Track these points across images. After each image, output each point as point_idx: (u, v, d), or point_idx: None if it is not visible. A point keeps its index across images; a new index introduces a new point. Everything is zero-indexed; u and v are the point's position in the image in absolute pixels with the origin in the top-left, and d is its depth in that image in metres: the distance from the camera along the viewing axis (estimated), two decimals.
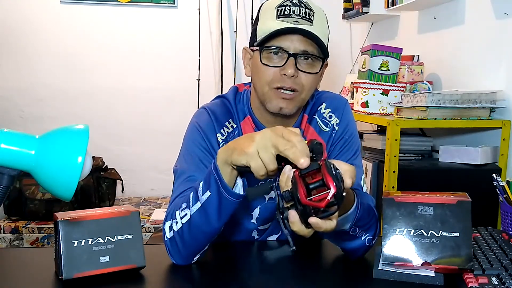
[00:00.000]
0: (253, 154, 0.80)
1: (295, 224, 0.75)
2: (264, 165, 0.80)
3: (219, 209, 0.90)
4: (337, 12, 3.17)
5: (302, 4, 1.03)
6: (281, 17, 1.02)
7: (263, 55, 1.04)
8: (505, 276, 0.87)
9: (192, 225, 0.93)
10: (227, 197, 0.88)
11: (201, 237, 0.95)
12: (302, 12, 1.02)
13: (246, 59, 1.13)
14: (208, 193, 0.90)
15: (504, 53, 1.89)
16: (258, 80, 1.06)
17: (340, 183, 0.71)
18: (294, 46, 1.01)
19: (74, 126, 0.74)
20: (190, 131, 1.13)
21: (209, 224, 0.92)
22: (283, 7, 1.02)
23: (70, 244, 0.88)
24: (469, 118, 1.86)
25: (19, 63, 3.23)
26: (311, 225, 0.74)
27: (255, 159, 0.80)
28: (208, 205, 0.90)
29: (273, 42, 1.02)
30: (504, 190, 1.18)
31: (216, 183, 0.88)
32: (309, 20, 1.02)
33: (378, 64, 2.18)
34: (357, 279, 0.95)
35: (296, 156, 0.75)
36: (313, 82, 1.06)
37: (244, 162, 0.81)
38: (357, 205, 0.92)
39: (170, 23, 3.29)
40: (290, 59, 1.01)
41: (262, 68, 1.04)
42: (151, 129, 3.35)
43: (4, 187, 0.71)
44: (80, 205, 2.81)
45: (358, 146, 1.18)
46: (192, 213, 0.93)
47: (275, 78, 1.03)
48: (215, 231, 0.94)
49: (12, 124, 3.20)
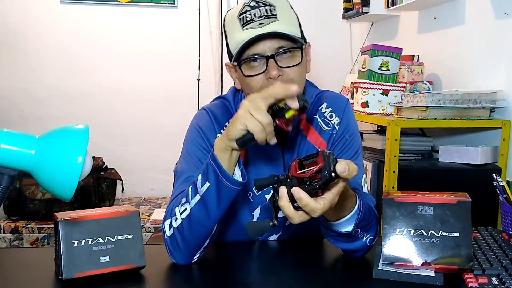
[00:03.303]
0: (246, 115, 0.83)
1: (283, 198, 0.77)
2: (259, 122, 0.81)
3: (218, 199, 0.91)
4: (337, 12, 3.17)
5: (261, 3, 1.02)
6: (245, 25, 1.01)
7: (243, 68, 1.04)
8: (505, 276, 0.87)
9: (192, 219, 0.94)
10: (227, 184, 0.89)
11: (200, 230, 0.95)
12: (263, 12, 1.01)
13: (232, 74, 1.13)
14: (207, 184, 0.91)
15: (504, 53, 1.89)
16: (249, 90, 1.06)
17: (331, 163, 0.73)
18: (268, 47, 1.01)
19: (74, 126, 0.74)
20: (190, 132, 1.14)
21: (209, 216, 0.93)
22: (243, 14, 1.02)
23: (70, 244, 0.88)
24: (469, 118, 1.86)
25: (19, 63, 3.23)
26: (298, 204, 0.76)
27: (250, 119, 0.82)
28: (207, 196, 0.91)
29: (248, 52, 1.02)
30: (504, 190, 1.17)
31: (214, 173, 0.89)
32: (273, 16, 1.01)
33: (378, 64, 2.18)
34: (357, 279, 0.95)
35: (282, 88, 0.81)
36: (301, 72, 1.05)
37: (241, 126, 0.83)
38: (359, 206, 0.92)
39: (170, 23, 3.29)
40: (270, 61, 1.01)
41: (248, 80, 1.04)
42: (151, 129, 3.35)
43: (4, 187, 0.71)
44: (80, 205, 2.81)
45: (359, 146, 1.18)
46: (192, 206, 0.94)
47: (264, 84, 1.02)
48: (214, 223, 0.95)
49: (12, 124, 3.20)
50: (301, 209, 0.77)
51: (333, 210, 0.90)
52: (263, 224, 0.82)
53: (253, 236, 0.84)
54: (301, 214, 0.78)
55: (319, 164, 0.74)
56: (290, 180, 0.78)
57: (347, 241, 0.98)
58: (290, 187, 0.77)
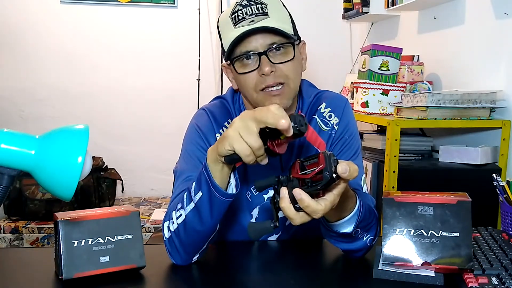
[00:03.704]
0: (235, 136, 0.79)
1: (284, 200, 0.77)
2: (248, 145, 0.78)
3: (211, 209, 0.90)
4: (337, 12, 3.17)
5: (252, 2, 1.03)
6: (237, 23, 1.02)
7: (237, 65, 1.04)
8: (505, 276, 0.87)
9: (187, 225, 0.94)
10: (218, 197, 0.88)
11: (196, 236, 0.95)
12: (254, 10, 1.02)
13: (229, 75, 1.14)
14: (200, 193, 0.90)
15: (504, 53, 1.89)
16: (245, 89, 1.06)
17: (332, 164, 0.73)
18: (260, 44, 1.01)
19: (74, 126, 0.74)
20: (190, 132, 1.14)
21: (203, 224, 0.93)
22: (235, 13, 1.03)
23: (70, 244, 0.88)
24: (469, 118, 1.86)
25: (19, 63, 3.22)
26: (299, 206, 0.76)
27: (238, 140, 0.78)
28: (201, 205, 0.91)
29: (239, 49, 1.02)
30: (504, 190, 1.17)
31: (206, 183, 0.88)
32: (264, 13, 1.02)
33: (378, 64, 2.18)
34: (357, 279, 0.95)
35: (275, 119, 0.74)
36: (295, 68, 1.05)
37: (228, 147, 0.80)
38: (360, 206, 0.92)
39: (170, 23, 3.29)
40: (262, 57, 1.01)
41: (242, 77, 1.05)
42: (151, 129, 3.35)
43: (4, 187, 0.71)
44: (80, 205, 2.81)
45: (359, 146, 1.18)
46: (187, 213, 0.94)
47: (258, 81, 1.03)
48: (209, 230, 0.95)
49: (12, 124, 3.20)
50: (302, 210, 0.77)
51: (333, 211, 0.89)
52: (264, 225, 0.82)
53: (255, 237, 0.84)
54: (302, 215, 0.78)
55: (320, 165, 0.74)
56: (291, 181, 0.78)
57: (347, 241, 0.98)
58: (291, 188, 0.77)
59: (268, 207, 1.14)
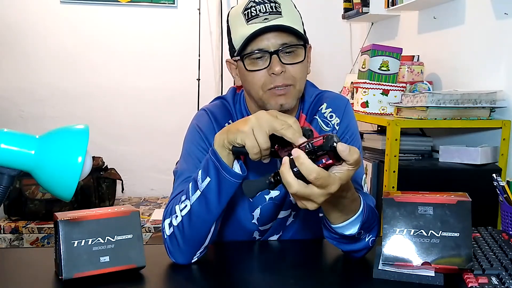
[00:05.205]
0: (248, 133, 0.85)
1: (285, 165, 0.76)
2: (258, 144, 0.84)
3: (218, 194, 0.92)
4: (337, 12, 3.17)
5: (266, 0, 1.02)
6: (250, 20, 1.02)
7: (246, 62, 1.04)
8: (505, 276, 0.87)
9: (192, 215, 0.94)
10: (227, 177, 0.90)
11: (201, 226, 0.95)
12: (268, 8, 1.02)
13: (232, 71, 1.13)
14: (208, 179, 0.92)
15: (504, 53, 1.89)
16: (251, 86, 1.06)
17: (334, 138, 0.73)
18: (271, 43, 1.01)
19: (74, 126, 0.74)
20: (190, 133, 1.14)
21: (209, 211, 0.93)
22: (248, 9, 1.02)
23: (70, 244, 0.88)
24: (469, 118, 1.86)
25: (19, 63, 3.22)
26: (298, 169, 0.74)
27: (250, 137, 0.84)
28: (208, 191, 0.92)
29: (251, 47, 1.02)
30: (504, 190, 1.17)
31: (215, 167, 0.91)
32: (278, 12, 1.02)
33: (378, 64, 2.18)
34: (357, 279, 0.95)
35: (295, 135, 0.81)
36: (302, 71, 1.06)
37: (239, 141, 0.86)
38: (364, 208, 0.92)
39: (170, 23, 3.29)
40: (273, 57, 1.01)
41: (250, 75, 1.04)
42: (151, 129, 3.35)
43: (4, 187, 0.71)
44: (80, 205, 2.81)
45: (359, 146, 1.18)
46: (192, 202, 0.94)
47: (266, 80, 1.03)
48: (214, 218, 0.95)
49: (12, 124, 3.20)
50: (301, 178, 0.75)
51: (339, 213, 0.90)
52: (259, 182, 0.81)
53: (249, 195, 0.82)
54: (300, 183, 0.75)
55: (321, 139, 0.75)
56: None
57: (350, 243, 0.98)
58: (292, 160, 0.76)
59: (270, 208, 1.14)
